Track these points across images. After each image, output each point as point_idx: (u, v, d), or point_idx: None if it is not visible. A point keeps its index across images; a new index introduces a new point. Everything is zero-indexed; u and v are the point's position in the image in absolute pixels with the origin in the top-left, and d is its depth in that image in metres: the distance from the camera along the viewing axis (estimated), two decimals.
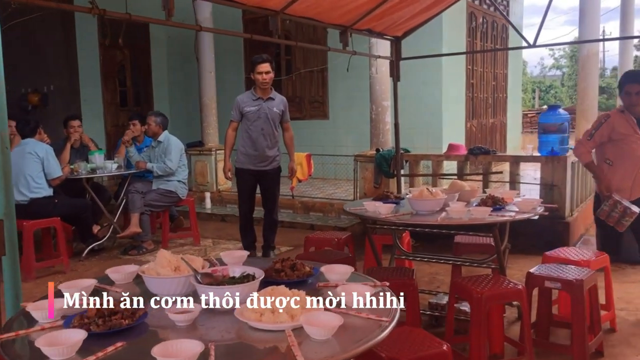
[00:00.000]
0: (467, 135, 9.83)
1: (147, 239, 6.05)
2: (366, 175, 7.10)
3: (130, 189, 5.98)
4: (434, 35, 8.36)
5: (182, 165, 6.19)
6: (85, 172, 5.83)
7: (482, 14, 10.16)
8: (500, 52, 11.26)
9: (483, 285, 3.16)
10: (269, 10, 4.37)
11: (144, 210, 5.94)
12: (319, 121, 9.89)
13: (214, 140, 8.59)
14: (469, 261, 4.13)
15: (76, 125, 6.49)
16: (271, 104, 5.42)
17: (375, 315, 1.87)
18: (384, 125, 7.08)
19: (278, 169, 5.61)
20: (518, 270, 5.06)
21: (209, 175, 8.51)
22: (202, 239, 6.60)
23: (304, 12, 4.70)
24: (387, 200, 3.94)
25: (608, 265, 3.83)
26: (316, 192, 8.38)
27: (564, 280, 3.26)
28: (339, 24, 5.23)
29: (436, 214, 3.56)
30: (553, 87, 40.21)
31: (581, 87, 7.66)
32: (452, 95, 9.16)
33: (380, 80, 7.02)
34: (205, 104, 8.56)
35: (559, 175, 5.86)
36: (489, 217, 3.43)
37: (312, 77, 9.92)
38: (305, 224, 7.15)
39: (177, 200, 6.22)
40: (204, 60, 8.44)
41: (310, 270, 2.32)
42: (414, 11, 5.60)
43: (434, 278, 5.07)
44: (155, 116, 6.06)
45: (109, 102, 10.30)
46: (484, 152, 6.31)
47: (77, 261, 5.79)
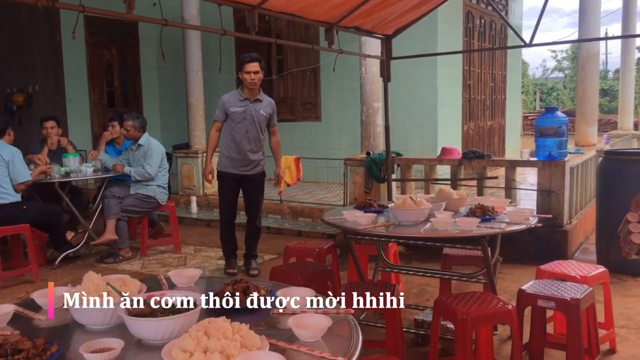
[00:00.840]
0: (464, 138, 9.53)
1: (124, 246, 5.76)
2: (356, 179, 6.81)
3: (107, 194, 5.69)
4: (428, 34, 8.08)
5: (162, 170, 5.90)
6: (59, 176, 5.54)
7: (479, 14, 9.87)
8: (499, 52, 10.97)
9: (469, 305, 2.88)
10: (245, 5, 4.10)
11: (121, 216, 5.65)
12: (311, 123, 9.61)
13: (201, 143, 8.31)
14: (457, 275, 3.85)
15: (49, 126, 6.21)
16: (258, 106, 5.12)
17: (330, 354, 1.59)
18: (374, 128, 6.79)
19: (262, 173, 5.32)
20: (513, 282, 4.77)
21: (195, 178, 8.23)
22: (184, 246, 6.32)
23: (284, 8, 4.43)
24: (369, 210, 3.65)
25: (607, 281, 3.54)
26: (306, 196, 8.10)
27: (558, 299, 2.98)
28: (323, 20, 4.95)
29: (420, 225, 3.28)
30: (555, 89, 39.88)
31: (580, 89, 7.37)
32: (448, 96, 8.87)
33: (370, 81, 6.73)
34: (192, 104, 8.28)
35: (556, 181, 5.56)
36: (476, 229, 3.15)
37: (304, 78, 9.63)
38: (293, 230, 6.87)
39: (156, 206, 5.93)
40: (190, 59, 8.16)
41: (265, 294, 2.04)
42: (404, 8, 5.32)
43: (424, 290, 4.78)
44: (132, 120, 5.75)
45: (96, 102, 10.03)
46: (478, 156, 6.02)
47: (49, 270, 5.50)
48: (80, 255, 5.89)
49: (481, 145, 10.23)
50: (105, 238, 5.56)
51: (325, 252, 4.23)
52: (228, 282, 2.10)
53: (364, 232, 3.29)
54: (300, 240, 4.48)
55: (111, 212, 5.58)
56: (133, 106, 10.61)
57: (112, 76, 10.39)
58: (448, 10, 8.52)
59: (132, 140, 5.89)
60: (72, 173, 5.64)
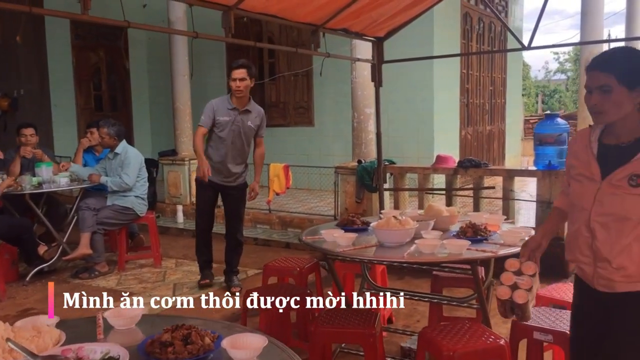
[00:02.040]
0: (462, 143, 9.22)
1: (100, 261, 5.46)
2: (348, 189, 6.51)
3: (81, 205, 5.38)
4: (424, 36, 7.78)
5: (140, 180, 5.58)
6: (30, 187, 5.23)
7: (477, 15, 9.56)
8: (499, 55, 10.66)
9: (457, 340, 2.58)
10: (220, 6, 3.80)
11: (96, 229, 5.35)
12: (303, 128, 9.30)
13: (188, 149, 8.01)
14: (446, 299, 3.54)
15: (28, 133, 5.89)
16: (247, 117, 4.78)
17: None
18: (366, 135, 6.50)
19: (244, 184, 5.02)
20: None
21: (182, 186, 7.93)
22: (166, 259, 6.01)
23: (264, 9, 4.13)
24: (350, 228, 3.35)
25: None
26: (297, 204, 7.80)
27: (556, 332, 2.67)
28: (308, 22, 4.64)
29: (405, 247, 2.97)
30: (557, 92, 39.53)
31: (582, 93, 7.04)
32: (445, 101, 8.56)
33: (362, 86, 6.44)
34: (179, 109, 7.99)
35: (557, 191, 5.24)
36: (466, 252, 2.84)
37: (296, 82, 9.33)
38: (281, 242, 6.56)
39: (135, 218, 5.62)
40: (177, 63, 7.87)
41: (209, 344, 1.74)
42: (395, 9, 5.02)
43: (415, 310, 4.46)
44: (107, 127, 5.43)
45: (83, 106, 9.75)
46: (474, 165, 5.70)
47: (20, 286, 5.20)
48: (55, 270, 5.60)
49: (480, 151, 9.92)
50: (78, 252, 5.26)
51: (307, 271, 3.94)
52: (168, 327, 1.79)
53: (342, 255, 2.99)
54: (281, 258, 4.17)
55: (86, 224, 5.28)
56: (122, 110, 10.34)
57: (100, 80, 10.10)
58: (445, 11, 8.22)
59: (108, 149, 5.59)
60: (44, 184, 5.33)
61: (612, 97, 1.84)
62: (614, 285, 1.92)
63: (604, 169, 1.92)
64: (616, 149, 1.91)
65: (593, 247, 1.95)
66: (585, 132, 2.06)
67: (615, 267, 1.89)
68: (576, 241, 2.02)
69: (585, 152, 2.00)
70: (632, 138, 1.89)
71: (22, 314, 4.43)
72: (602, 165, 1.93)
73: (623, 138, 1.91)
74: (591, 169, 1.96)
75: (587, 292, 2.03)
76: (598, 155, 1.96)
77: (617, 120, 1.88)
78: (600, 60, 1.89)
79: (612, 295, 1.94)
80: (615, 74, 1.82)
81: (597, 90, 1.86)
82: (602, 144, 1.97)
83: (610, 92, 1.84)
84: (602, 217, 1.91)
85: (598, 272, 1.95)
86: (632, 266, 1.87)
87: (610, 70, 1.83)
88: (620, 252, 1.88)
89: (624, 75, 1.83)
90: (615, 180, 1.88)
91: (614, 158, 1.90)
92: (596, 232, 1.93)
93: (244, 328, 1.96)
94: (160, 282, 5.28)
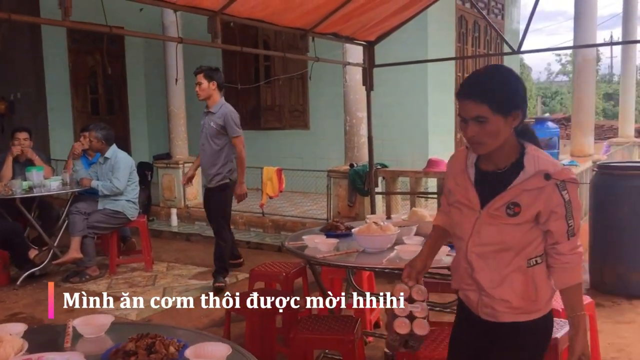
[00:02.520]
0: (458, 146, 9.20)
1: (90, 265, 5.47)
2: (340, 192, 6.52)
3: (72, 209, 5.40)
4: (418, 40, 7.78)
5: (131, 184, 5.60)
6: (20, 192, 5.24)
7: (473, 18, 9.55)
8: (495, 58, 10.63)
9: (434, 346, 2.58)
10: (205, 11, 3.80)
11: (87, 233, 5.36)
12: (299, 131, 9.30)
13: (183, 152, 8.02)
14: (429, 305, 3.52)
15: (22, 137, 5.90)
16: (210, 117, 5.04)
17: None
18: (359, 138, 6.50)
19: (222, 186, 5.09)
20: None
21: (176, 190, 7.93)
22: (157, 263, 6.02)
23: (250, 14, 4.13)
24: (332, 234, 3.35)
25: (593, 313, 3.21)
26: (292, 208, 7.80)
27: None
28: (296, 27, 4.64)
29: (385, 253, 2.97)
30: (559, 94, 39.49)
31: (576, 97, 7.04)
32: (440, 104, 8.54)
33: (354, 89, 6.45)
34: (173, 113, 7.99)
35: None
36: (446, 257, 2.83)
37: (291, 85, 9.33)
38: (274, 246, 6.56)
39: (125, 222, 5.63)
40: (171, 67, 7.87)
41: (174, 352, 1.74)
42: (386, 13, 5.01)
43: None
44: (96, 131, 5.45)
45: (79, 110, 9.77)
46: None
47: (10, 290, 5.21)
48: (47, 274, 5.60)
49: None
50: (69, 257, 5.28)
51: (293, 276, 3.94)
52: (133, 336, 1.79)
53: (322, 261, 2.99)
54: (267, 262, 4.18)
55: (76, 228, 5.29)
56: (119, 114, 10.36)
57: (97, 83, 10.12)
58: (440, 14, 8.22)
59: (98, 153, 5.61)
60: (35, 188, 5.34)
61: (489, 127, 1.70)
62: (498, 315, 1.83)
63: (482, 197, 1.80)
64: (494, 176, 1.79)
65: (473, 277, 1.86)
66: (462, 154, 1.92)
67: (498, 298, 1.80)
68: (458, 271, 1.94)
69: (462, 177, 1.87)
70: (508, 163, 1.78)
71: (10, 319, 4.44)
72: (481, 193, 1.81)
73: (500, 164, 1.79)
74: (470, 197, 1.84)
75: (471, 318, 1.92)
76: (476, 182, 1.84)
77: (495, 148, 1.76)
78: (470, 89, 1.73)
79: (495, 325, 1.85)
80: (488, 104, 1.68)
81: (473, 121, 1.71)
82: (479, 170, 1.85)
83: (486, 123, 1.69)
84: (480, 248, 1.82)
85: (483, 301, 1.85)
86: (515, 298, 1.78)
87: (482, 100, 1.68)
88: (501, 283, 1.79)
89: (497, 103, 1.69)
90: (493, 210, 1.77)
91: (492, 185, 1.78)
92: (474, 264, 1.84)
93: (212, 336, 1.96)
94: (150, 286, 5.29)
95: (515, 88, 1.75)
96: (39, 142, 7.85)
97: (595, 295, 4.74)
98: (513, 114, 1.72)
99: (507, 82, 1.74)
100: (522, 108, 1.75)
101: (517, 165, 1.76)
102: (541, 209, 1.73)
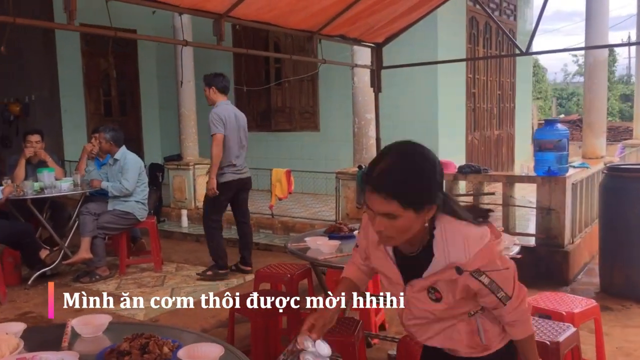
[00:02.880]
0: (469, 148, 9.16)
1: (100, 265, 5.52)
2: (348, 194, 6.52)
3: (82, 210, 5.46)
4: (428, 41, 7.76)
5: (141, 185, 5.65)
6: (32, 192, 5.31)
7: (484, 19, 9.50)
8: (507, 59, 10.58)
9: None
10: (210, 14, 3.84)
11: (97, 234, 5.42)
12: (309, 133, 9.32)
13: (193, 154, 8.08)
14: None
15: (34, 140, 5.98)
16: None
17: None
18: (367, 140, 6.50)
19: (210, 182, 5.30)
20: None
21: (187, 191, 7.99)
22: (167, 264, 6.07)
23: (256, 16, 4.16)
24: (336, 235, 3.36)
25: (599, 317, 3.18)
26: (301, 209, 7.82)
27: (538, 342, 2.63)
28: (303, 29, 4.67)
29: None
30: (575, 94, 39.04)
31: (587, 99, 6.96)
32: (450, 105, 8.51)
33: (362, 91, 6.44)
34: (184, 114, 8.05)
35: (557, 198, 5.20)
36: None
37: (302, 87, 9.35)
38: (282, 247, 6.56)
39: (135, 223, 5.69)
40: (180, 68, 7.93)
41: (167, 353, 1.76)
42: (393, 15, 5.01)
43: None
44: (105, 132, 5.53)
45: (92, 112, 9.87)
46: (474, 171, 5.67)
47: (21, 289, 5.29)
48: (58, 274, 5.68)
49: (488, 156, 9.85)
50: (79, 257, 5.34)
51: (298, 277, 3.94)
52: (127, 336, 1.82)
53: (324, 263, 3.00)
54: (273, 264, 4.19)
55: (86, 229, 5.36)
56: (131, 115, 10.46)
57: (110, 85, 10.23)
58: (450, 15, 8.20)
59: (108, 154, 5.68)
60: (46, 189, 5.41)
61: (398, 223, 1.52)
62: (458, 351, 1.76)
63: (404, 274, 1.70)
64: (410, 259, 1.67)
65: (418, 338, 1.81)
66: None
67: (447, 348, 1.75)
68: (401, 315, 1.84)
69: (381, 249, 1.73)
70: (420, 247, 1.64)
71: (21, 318, 4.51)
72: (402, 270, 1.71)
73: (412, 248, 1.66)
74: (391, 273, 1.73)
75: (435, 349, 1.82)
76: (396, 258, 1.72)
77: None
78: (379, 183, 1.51)
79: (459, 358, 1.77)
80: (398, 200, 1.49)
81: (382, 216, 1.53)
82: (396, 249, 1.72)
83: (395, 219, 1.52)
84: (414, 321, 1.75)
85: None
86: (463, 347, 1.72)
87: (392, 197, 1.49)
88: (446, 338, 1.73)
89: (409, 199, 1.50)
90: (415, 292, 1.68)
91: (412, 265, 1.67)
92: (414, 333, 1.79)
93: (209, 337, 1.98)
94: (158, 286, 5.33)
95: (429, 177, 1.55)
96: (52, 143, 7.95)
97: (605, 298, 4.71)
98: (426, 208, 1.54)
99: (421, 173, 1.53)
100: (439, 197, 1.57)
101: (427, 250, 1.62)
102: (463, 295, 1.63)
